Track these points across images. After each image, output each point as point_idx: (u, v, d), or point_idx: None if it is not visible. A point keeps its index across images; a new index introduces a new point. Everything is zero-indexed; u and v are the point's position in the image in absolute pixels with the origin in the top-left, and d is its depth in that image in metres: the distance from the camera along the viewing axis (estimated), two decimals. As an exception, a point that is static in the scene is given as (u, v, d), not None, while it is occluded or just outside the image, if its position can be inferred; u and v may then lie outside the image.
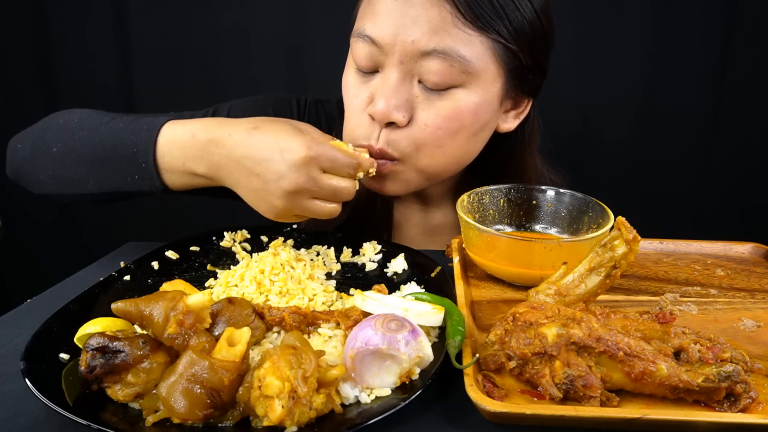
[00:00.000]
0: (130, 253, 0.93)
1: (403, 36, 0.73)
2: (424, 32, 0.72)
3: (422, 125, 0.77)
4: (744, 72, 1.52)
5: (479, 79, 0.77)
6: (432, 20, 0.72)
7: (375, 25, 0.75)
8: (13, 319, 0.74)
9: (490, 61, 0.76)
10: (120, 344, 0.54)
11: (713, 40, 1.50)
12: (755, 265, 0.91)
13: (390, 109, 0.75)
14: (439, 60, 0.73)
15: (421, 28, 0.72)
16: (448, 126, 0.77)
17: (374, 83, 0.79)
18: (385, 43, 0.75)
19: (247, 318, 0.62)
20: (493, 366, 0.60)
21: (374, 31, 0.75)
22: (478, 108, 0.78)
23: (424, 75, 0.75)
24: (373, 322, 0.57)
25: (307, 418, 0.50)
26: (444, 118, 0.77)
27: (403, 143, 0.79)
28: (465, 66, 0.74)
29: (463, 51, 0.73)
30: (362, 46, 0.77)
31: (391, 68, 0.76)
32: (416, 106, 0.77)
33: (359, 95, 0.80)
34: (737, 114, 1.56)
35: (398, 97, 0.76)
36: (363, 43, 0.76)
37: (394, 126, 0.78)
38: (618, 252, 0.68)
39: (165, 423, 0.51)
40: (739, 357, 0.57)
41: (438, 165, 0.83)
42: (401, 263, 0.86)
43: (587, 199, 0.88)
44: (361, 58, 0.78)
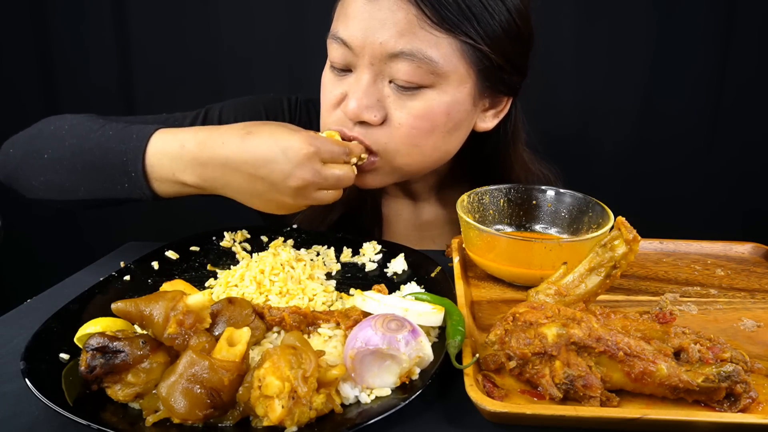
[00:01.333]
0: (130, 253, 0.93)
1: (372, 38, 0.75)
2: (392, 34, 0.74)
3: (396, 125, 0.79)
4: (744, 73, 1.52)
5: (449, 80, 0.78)
6: (398, 23, 0.74)
7: (346, 27, 0.77)
8: (13, 319, 0.74)
9: (458, 62, 0.78)
10: (120, 344, 0.54)
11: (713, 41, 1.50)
12: (755, 265, 0.91)
13: (361, 108, 0.78)
14: (407, 61, 0.75)
15: (389, 31, 0.74)
16: (421, 125, 0.79)
17: (348, 81, 0.81)
18: (356, 45, 0.77)
19: (247, 318, 0.62)
20: (493, 366, 0.60)
21: (345, 33, 0.77)
22: (449, 108, 0.80)
23: (394, 75, 0.77)
24: (373, 322, 0.57)
25: (307, 418, 0.50)
26: (416, 118, 0.78)
27: (380, 140, 0.81)
28: (433, 67, 0.76)
29: (429, 52, 0.75)
30: (336, 48, 0.79)
31: (362, 69, 0.78)
32: (388, 105, 0.79)
33: (333, 91, 0.82)
34: (737, 114, 1.56)
35: (369, 98, 0.78)
36: (336, 44, 0.79)
37: (367, 125, 0.80)
38: (618, 252, 0.68)
39: (165, 423, 0.51)
40: (739, 357, 0.57)
41: (414, 163, 0.85)
42: (401, 263, 0.86)
43: (587, 199, 0.88)
44: (335, 58, 0.80)
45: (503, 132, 0.95)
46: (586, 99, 1.59)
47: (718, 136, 1.58)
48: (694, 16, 1.49)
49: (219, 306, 0.61)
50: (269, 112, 1.03)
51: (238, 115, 1.01)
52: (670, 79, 1.54)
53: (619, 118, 1.60)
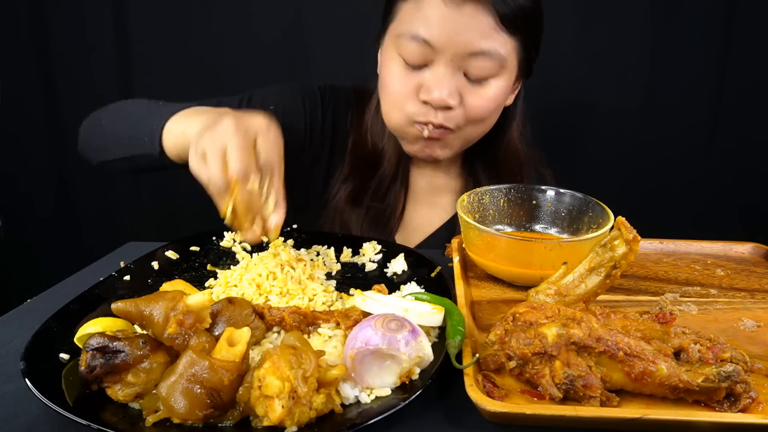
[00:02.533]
0: (130, 253, 0.93)
1: (456, 39, 0.88)
2: (475, 37, 0.88)
3: (471, 107, 0.95)
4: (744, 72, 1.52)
5: (507, 70, 0.95)
6: (480, 28, 0.88)
7: (429, 29, 0.89)
8: (13, 319, 0.74)
9: (513, 55, 0.94)
10: (120, 344, 0.54)
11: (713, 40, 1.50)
12: (755, 265, 0.91)
13: (445, 96, 0.91)
14: (485, 58, 0.90)
15: (470, 34, 0.88)
16: (487, 106, 0.96)
17: (423, 75, 0.93)
18: (439, 44, 0.89)
19: (247, 318, 0.62)
20: (493, 366, 0.60)
21: (428, 33, 0.89)
22: (505, 91, 0.98)
23: (470, 69, 0.91)
24: (373, 322, 0.57)
25: (307, 418, 0.50)
26: (485, 100, 0.96)
27: (459, 120, 0.96)
28: (502, 62, 0.92)
29: (501, 50, 0.91)
30: (414, 46, 0.90)
31: (441, 64, 0.91)
32: (463, 93, 0.94)
33: (408, 83, 0.94)
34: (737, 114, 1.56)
35: (450, 87, 0.92)
36: (416, 43, 0.90)
37: (447, 109, 0.94)
38: (618, 252, 0.68)
39: (165, 423, 0.51)
40: (739, 357, 0.57)
41: (476, 134, 1.03)
42: (401, 263, 0.86)
43: (587, 199, 0.88)
44: (412, 54, 0.91)
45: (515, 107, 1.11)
46: (586, 99, 1.59)
47: (719, 136, 1.58)
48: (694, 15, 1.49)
49: (219, 306, 0.61)
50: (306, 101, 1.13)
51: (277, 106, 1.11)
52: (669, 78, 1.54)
53: (620, 118, 1.60)
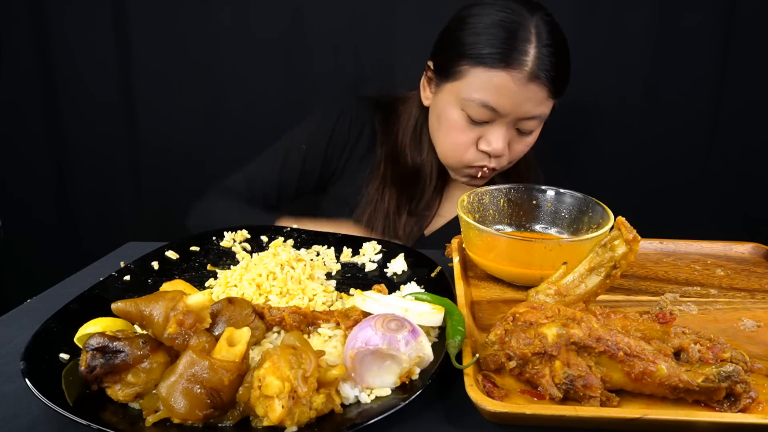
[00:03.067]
0: (130, 253, 0.93)
1: (518, 109, 1.03)
2: (532, 106, 1.03)
3: (515, 151, 1.12)
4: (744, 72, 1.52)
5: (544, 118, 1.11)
6: (537, 99, 1.03)
7: (499, 100, 1.02)
8: (13, 319, 0.74)
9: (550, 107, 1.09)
10: (120, 344, 0.54)
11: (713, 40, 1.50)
12: (755, 265, 0.90)
13: (501, 148, 1.07)
14: (534, 120, 1.06)
15: (529, 104, 1.03)
16: (526, 150, 1.14)
17: (483, 129, 1.07)
18: (505, 111, 1.03)
19: (247, 318, 0.61)
20: (493, 366, 0.60)
21: (497, 103, 1.02)
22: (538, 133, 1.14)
23: (522, 127, 1.07)
24: (373, 322, 0.57)
25: (307, 418, 0.50)
26: (526, 146, 1.13)
27: (504, 162, 1.13)
28: (544, 118, 1.09)
29: (546, 111, 1.07)
30: (483, 110, 1.04)
31: (502, 123, 1.06)
32: (512, 142, 1.10)
33: (469, 135, 1.09)
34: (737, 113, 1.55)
35: (505, 141, 1.08)
36: (485, 108, 1.03)
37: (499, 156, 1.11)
38: (618, 252, 0.68)
39: (165, 423, 0.51)
40: (739, 357, 0.57)
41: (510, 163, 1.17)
42: (401, 263, 0.86)
43: (587, 199, 0.88)
44: (478, 115, 1.05)
45: None
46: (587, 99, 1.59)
47: (719, 136, 1.58)
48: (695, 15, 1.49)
49: (219, 306, 0.61)
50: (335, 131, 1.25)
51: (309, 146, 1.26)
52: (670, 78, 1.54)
53: (620, 118, 1.59)
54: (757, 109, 1.56)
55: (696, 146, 1.61)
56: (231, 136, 1.65)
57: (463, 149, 1.11)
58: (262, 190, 1.24)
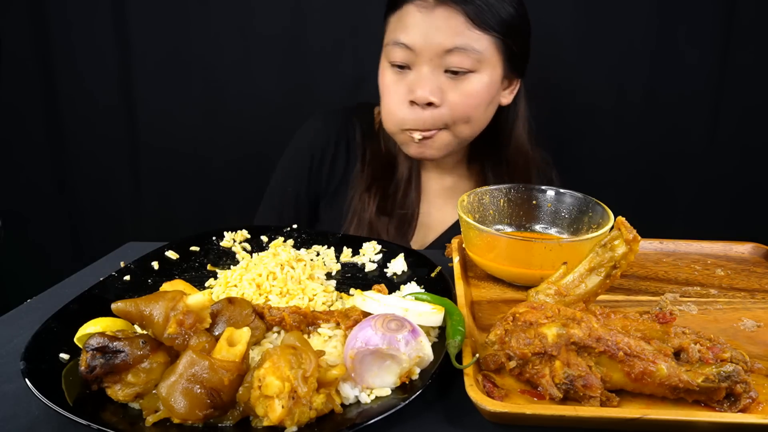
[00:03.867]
0: (130, 253, 0.93)
1: (430, 41, 0.98)
2: (447, 36, 0.97)
3: (452, 103, 1.02)
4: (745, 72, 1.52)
5: (487, 66, 1.02)
6: (451, 27, 0.97)
7: (407, 34, 0.99)
8: (13, 319, 0.74)
9: (493, 52, 1.02)
10: (120, 344, 0.54)
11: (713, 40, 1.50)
12: (755, 265, 0.91)
13: (428, 94, 1.00)
14: (459, 53, 0.98)
15: (443, 34, 0.97)
16: (471, 102, 1.03)
17: (409, 78, 1.02)
18: (418, 46, 0.99)
19: (247, 318, 0.62)
20: (493, 366, 0.60)
21: (407, 39, 0.99)
22: (488, 87, 1.04)
23: (449, 65, 0.99)
24: (373, 322, 0.57)
25: (307, 418, 0.50)
26: (467, 96, 1.02)
27: (444, 117, 1.04)
28: (478, 56, 1.00)
29: (475, 45, 0.99)
30: (398, 51, 1.01)
31: (421, 65, 1.00)
32: (445, 91, 1.01)
33: (399, 89, 1.03)
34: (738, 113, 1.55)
35: (431, 85, 1.00)
36: (399, 48, 1.00)
37: (432, 106, 1.02)
38: (618, 252, 0.68)
39: (165, 423, 0.51)
40: (739, 357, 0.57)
41: (468, 131, 1.09)
42: (401, 263, 0.86)
43: (587, 199, 0.88)
44: (397, 58, 1.02)
45: (514, 106, 1.16)
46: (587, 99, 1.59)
47: (719, 136, 1.58)
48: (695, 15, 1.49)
49: (219, 306, 0.61)
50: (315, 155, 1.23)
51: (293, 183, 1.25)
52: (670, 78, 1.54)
53: (620, 118, 1.59)
54: (758, 109, 1.56)
55: (696, 146, 1.61)
56: (231, 136, 1.65)
57: (396, 107, 1.04)
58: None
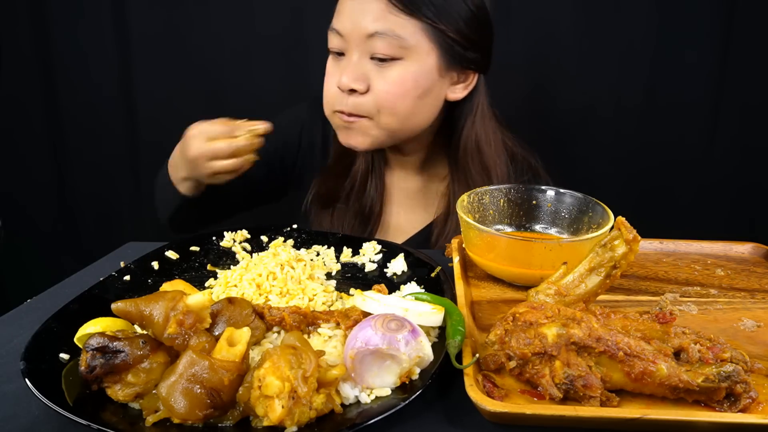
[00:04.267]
0: (130, 253, 0.93)
1: (355, 25, 0.96)
2: (369, 21, 0.95)
3: (377, 91, 0.99)
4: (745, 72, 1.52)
5: (415, 53, 0.97)
6: (373, 11, 0.94)
7: (339, 20, 0.99)
8: (13, 319, 0.74)
9: (422, 38, 0.97)
10: (120, 344, 0.54)
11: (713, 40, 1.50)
12: (755, 265, 0.90)
13: (350, 81, 0.98)
14: (381, 39, 0.95)
15: (366, 18, 0.95)
16: (395, 90, 0.99)
17: (342, 64, 1.01)
18: (346, 33, 0.97)
19: (247, 318, 0.61)
20: (493, 366, 0.60)
21: (338, 24, 0.98)
22: (417, 76, 0.99)
23: (372, 51, 0.97)
24: (373, 322, 0.57)
25: (307, 418, 0.50)
26: (392, 84, 0.98)
27: (368, 105, 1.00)
28: (401, 42, 0.96)
29: (398, 31, 0.95)
30: (333, 37, 1.00)
31: (351, 52, 0.99)
32: (371, 78, 0.99)
33: (334, 75, 1.02)
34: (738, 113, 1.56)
35: (356, 72, 0.98)
36: (333, 34, 1.00)
37: (357, 93, 1.00)
38: (618, 252, 0.68)
39: (165, 423, 0.51)
40: (739, 357, 0.57)
41: (395, 122, 1.03)
42: (401, 264, 0.86)
43: (587, 199, 0.88)
44: (332, 45, 1.01)
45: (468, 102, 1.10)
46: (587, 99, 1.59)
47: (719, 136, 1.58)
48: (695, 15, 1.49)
49: (219, 306, 0.61)
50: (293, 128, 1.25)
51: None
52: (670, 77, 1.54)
53: (620, 118, 1.60)
54: (758, 109, 1.56)
55: (696, 146, 1.61)
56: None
57: (328, 93, 1.04)
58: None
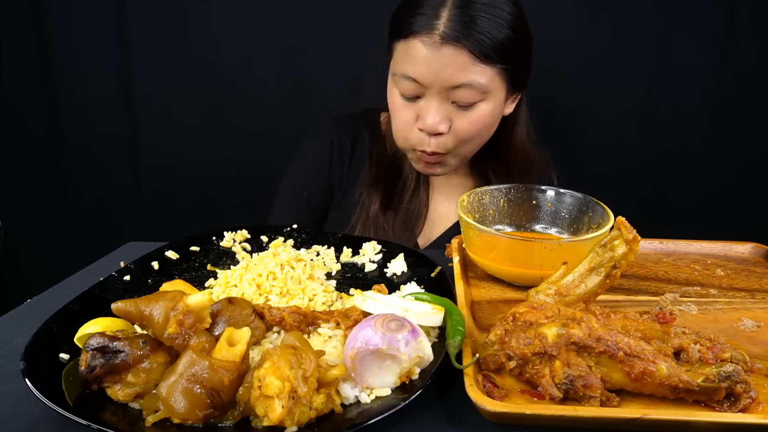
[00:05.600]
0: (130, 253, 0.93)
1: (439, 76, 0.99)
2: (454, 72, 0.99)
3: (459, 130, 1.06)
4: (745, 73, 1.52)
5: (492, 94, 1.04)
6: (458, 64, 0.98)
7: (415, 68, 1.01)
8: (13, 319, 0.74)
9: (497, 80, 1.03)
10: (120, 344, 0.54)
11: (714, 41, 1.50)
12: (755, 265, 0.90)
13: (437, 124, 1.03)
14: (466, 89, 1.00)
15: (451, 70, 0.99)
16: (474, 128, 1.06)
17: (419, 105, 1.05)
18: (426, 81, 1.01)
19: (247, 318, 0.61)
20: (493, 366, 0.60)
21: (415, 73, 1.01)
22: (492, 112, 1.07)
23: (456, 99, 1.02)
24: (373, 322, 0.57)
25: (307, 418, 0.50)
26: (473, 124, 1.06)
27: (449, 143, 1.07)
28: (483, 89, 1.01)
29: (480, 80, 1.00)
30: (407, 83, 1.03)
31: (432, 97, 1.03)
32: (453, 118, 1.05)
33: (407, 114, 1.07)
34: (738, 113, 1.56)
35: (441, 116, 1.03)
36: (407, 81, 1.02)
37: (439, 135, 1.06)
38: (618, 252, 0.68)
39: (165, 423, 0.51)
40: (739, 357, 0.57)
41: (469, 152, 1.14)
42: (401, 264, 0.86)
43: (587, 199, 0.88)
44: (406, 90, 1.04)
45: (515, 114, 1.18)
46: (587, 100, 1.59)
47: (719, 135, 1.58)
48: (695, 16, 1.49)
49: (219, 306, 0.61)
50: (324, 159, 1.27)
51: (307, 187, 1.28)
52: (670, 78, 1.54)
53: (620, 118, 1.59)
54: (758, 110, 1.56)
55: (696, 146, 1.61)
56: (231, 135, 1.65)
57: (405, 129, 1.09)
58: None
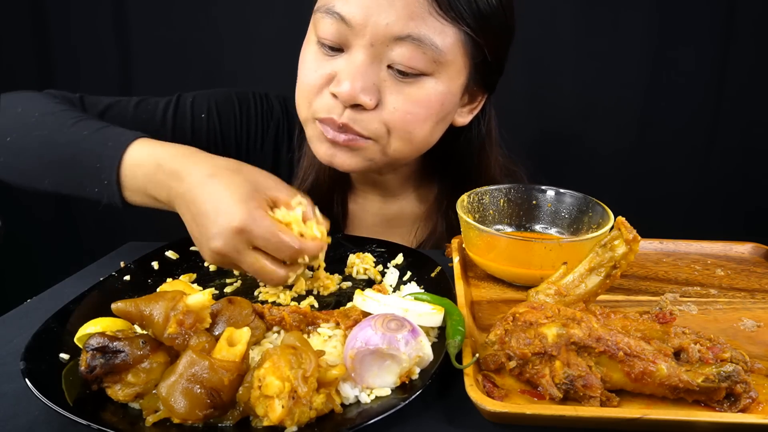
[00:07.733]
0: (130, 253, 0.92)
1: (377, 18, 0.71)
2: (400, 17, 0.71)
3: (391, 109, 0.77)
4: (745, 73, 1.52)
5: (448, 70, 0.77)
6: (409, 5, 0.71)
7: (347, 2, 0.73)
8: (13, 319, 0.74)
9: (459, 53, 0.77)
10: (120, 344, 0.54)
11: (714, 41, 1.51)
12: (755, 265, 0.90)
13: (357, 91, 0.74)
14: (413, 47, 0.73)
15: (397, 12, 0.71)
16: (417, 112, 0.77)
17: (338, 62, 0.77)
18: (356, 23, 0.73)
19: (247, 318, 0.61)
20: (493, 366, 0.60)
21: (345, 8, 0.73)
22: (444, 98, 0.79)
23: (394, 60, 0.74)
24: (373, 322, 0.57)
25: (307, 418, 0.50)
26: (413, 104, 0.77)
27: (373, 124, 0.78)
28: (436, 55, 0.74)
29: (436, 40, 0.73)
30: (330, 23, 0.74)
31: (358, 49, 0.74)
32: (384, 90, 0.76)
33: (318, 71, 0.78)
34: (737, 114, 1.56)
35: (365, 80, 0.75)
36: (331, 19, 0.74)
37: (359, 108, 0.77)
38: (618, 252, 0.68)
39: (165, 423, 0.51)
40: (739, 357, 0.57)
41: (405, 150, 0.83)
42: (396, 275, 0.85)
43: (587, 199, 0.88)
44: (326, 34, 0.76)
45: (477, 128, 0.94)
46: (586, 99, 1.59)
47: (719, 135, 1.59)
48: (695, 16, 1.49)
49: (219, 306, 0.61)
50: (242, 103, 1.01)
51: (210, 104, 0.99)
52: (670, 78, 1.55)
53: (620, 118, 1.60)
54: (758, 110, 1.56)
55: (697, 147, 1.61)
56: (231, 136, 1.65)
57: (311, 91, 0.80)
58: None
